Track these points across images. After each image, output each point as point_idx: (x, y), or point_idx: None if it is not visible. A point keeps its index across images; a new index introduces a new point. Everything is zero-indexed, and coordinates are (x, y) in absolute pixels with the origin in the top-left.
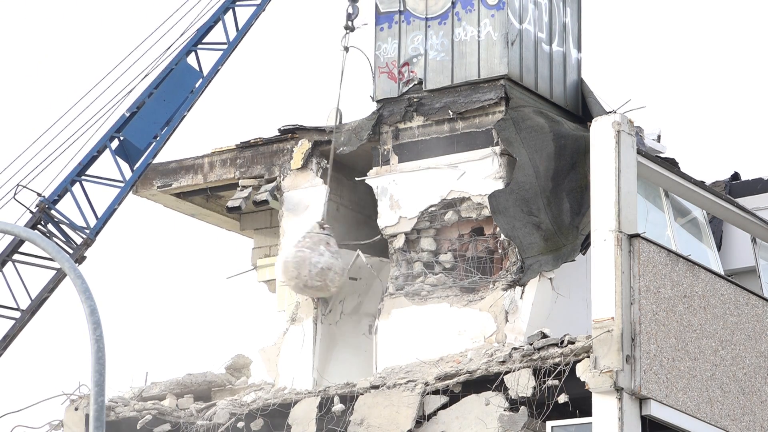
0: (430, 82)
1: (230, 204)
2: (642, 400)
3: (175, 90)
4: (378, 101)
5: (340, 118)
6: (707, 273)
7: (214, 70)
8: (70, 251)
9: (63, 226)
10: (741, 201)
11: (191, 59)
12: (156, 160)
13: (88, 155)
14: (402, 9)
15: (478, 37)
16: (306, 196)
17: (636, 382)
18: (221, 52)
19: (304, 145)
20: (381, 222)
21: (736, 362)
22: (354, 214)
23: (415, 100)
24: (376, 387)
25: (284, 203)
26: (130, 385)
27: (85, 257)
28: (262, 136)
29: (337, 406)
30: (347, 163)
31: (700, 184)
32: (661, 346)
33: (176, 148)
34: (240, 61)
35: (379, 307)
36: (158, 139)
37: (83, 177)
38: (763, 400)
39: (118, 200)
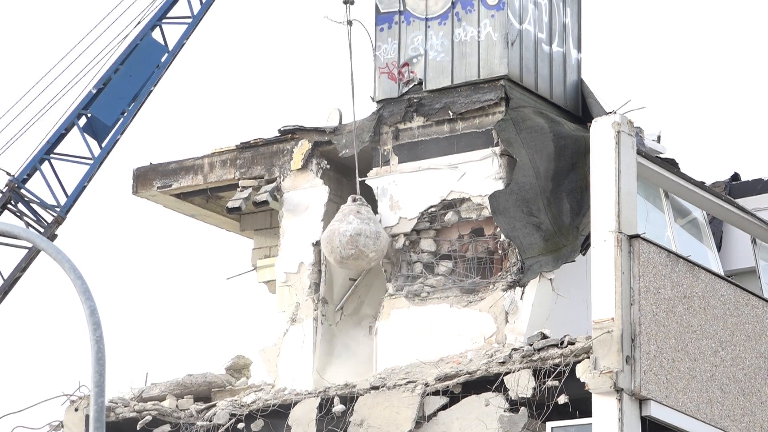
0: (430, 82)
1: (230, 205)
2: (642, 401)
3: (141, 65)
4: (378, 102)
5: (340, 118)
6: (707, 274)
7: (180, 44)
8: (41, 230)
9: (33, 205)
10: (741, 201)
11: (156, 34)
12: (156, 161)
13: (56, 133)
14: (402, 9)
15: (478, 37)
16: (306, 196)
17: (636, 382)
18: (186, 26)
19: (304, 146)
20: (381, 223)
21: (736, 363)
22: None
23: (415, 100)
24: (376, 388)
25: (284, 204)
26: (130, 385)
27: (56, 235)
28: (262, 136)
29: (337, 407)
30: (347, 163)
31: (700, 185)
32: (661, 347)
33: (176, 148)
34: (240, 61)
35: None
36: (126, 115)
37: (52, 155)
38: (763, 401)
39: (88, 177)
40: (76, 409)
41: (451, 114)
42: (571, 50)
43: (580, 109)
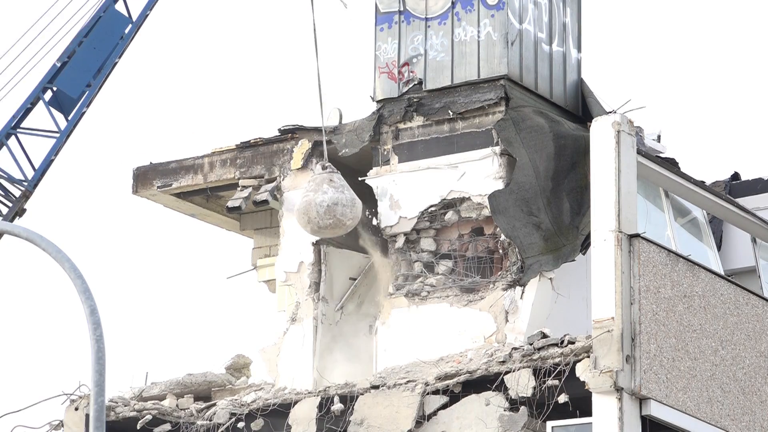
0: (430, 82)
1: (230, 204)
2: (642, 400)
3: (104, 37)
4: (378, 101)
5: (340, 118)
6: (707, 273)
7: (143, 15)
8: (10, 204)
9: (1, 180)
10: (741, 201)
11: (119, 5)
12: (156, 160)
13: (22, 107)
14: (402, 9)
15: (478, 37)
16: None
17: (636, 382)
18: None
19: (304, 145)
20: (381, 222)
21: (736, 362)
22: None
23: (415, 100)
24: (376, 387)
25: (284, 203)
26: (130, 385)
27: (25, 209)
28: (262, 136)
29: (337, 406)
30: (347, 163)
31: (700, 184)
32: (661, 346)
33: (176, 148)
34: (240, 60)
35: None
36: (91, 87)
37: (18, 130)
38: (763, 400)
39: (55, 151)
40: (76, 409)
41: (451, 114)
42: (571, 50)
43: (580, 108)
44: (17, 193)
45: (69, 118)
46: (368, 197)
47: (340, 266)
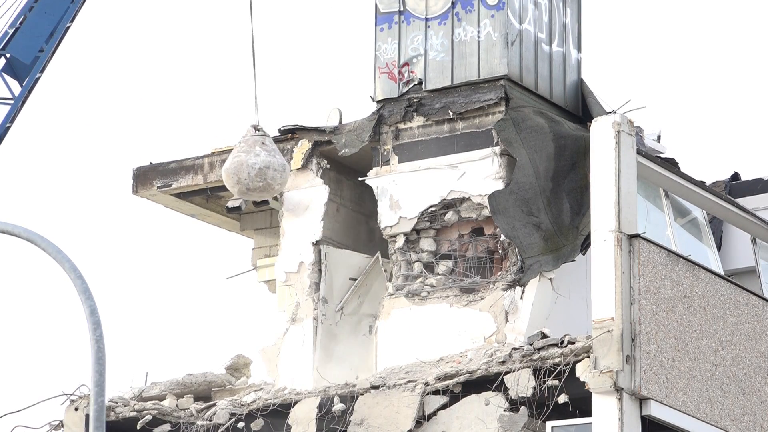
0: (430, 82)
1: (230, 204)
2: (642, 401)
3: (55, 2)
4: (378, 101)
5: (340, 118)
6: (707, 273)
7: None
8: None
9: None
10: (741, 201)
11: None
12: (156, 160)
13: None
14: (402, 9)
15: (478, 37)
16: (306, 196)
17: (636, 382)
18: None
19: (304, 146)
20: (381, 222)
21: (736, 362)
22: (354, 214)
23: (415, 100)
24: (376, 387)
25: (284, 203)
26: (130, 385)
27: None
28: None
29: (337, 406)
30: (347, 162)
31: (700, 185)
32: (661, 347)
33: (176, 148)
34: (240, 60)
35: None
36: (44, 52)
37: None
38: (763, 400)
39: (10, 117)
40: (76, 409)
41: (451, 114)
42: (571, 50)
43: (580, 109)
44: None
45: (23, 84)
46: (368, 197)
47: (340, 266)
